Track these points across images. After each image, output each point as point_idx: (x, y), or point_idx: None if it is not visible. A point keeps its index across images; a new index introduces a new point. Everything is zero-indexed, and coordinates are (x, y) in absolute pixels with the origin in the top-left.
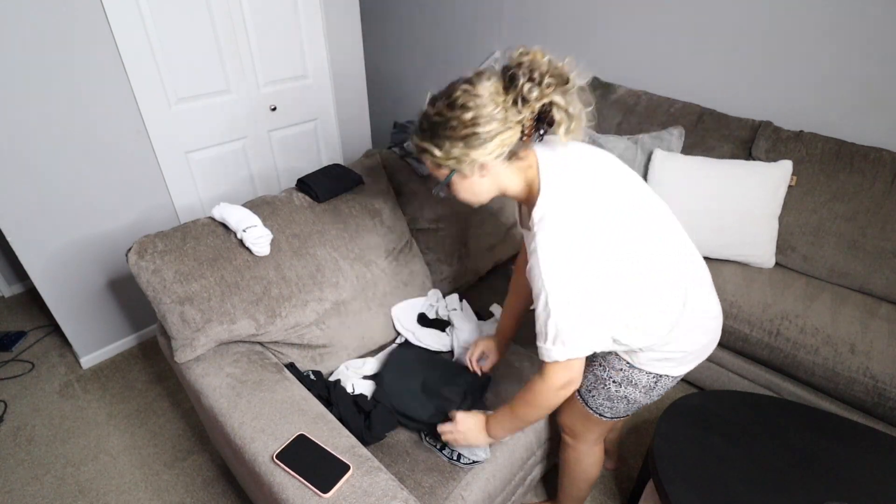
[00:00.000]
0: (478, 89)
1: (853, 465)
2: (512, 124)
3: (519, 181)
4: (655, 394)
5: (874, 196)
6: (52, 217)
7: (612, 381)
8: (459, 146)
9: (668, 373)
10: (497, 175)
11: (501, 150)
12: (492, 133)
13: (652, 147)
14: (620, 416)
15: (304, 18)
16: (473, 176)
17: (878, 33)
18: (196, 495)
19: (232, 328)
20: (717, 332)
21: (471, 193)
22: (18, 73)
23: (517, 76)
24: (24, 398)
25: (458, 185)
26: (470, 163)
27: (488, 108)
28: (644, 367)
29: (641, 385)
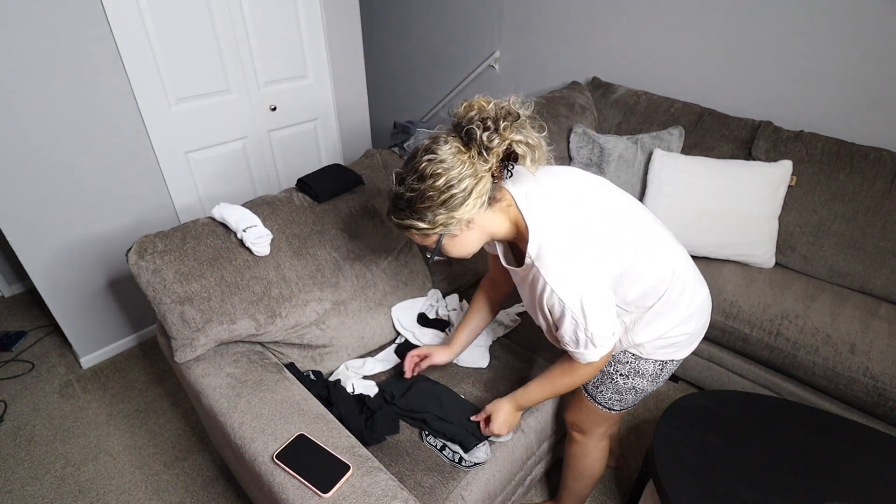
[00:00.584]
0: (440, 154)
1: (853, 465)
2: (482, 174)
3: (503, 221)
4: (661, 380)
5: (874, 196)
6: (52, 217)
7: (619, 375)
8: (442, 212)
9: (674, 357)
10: (483, 223)
11: (481, 201)
12: (468, 189)
13: (652, 147)
14: (628, 407)
15: (304, 18)
16: (462, 233)
17: (879, 33)
18: (196, 495)
19: (232, 328)
20: (709, 311)
21: (463, 249)
22: (18, 74)
23: (473, 130)
24: (24, 398)
25: (449, 246)
26: (456, 223)
27: (456, 168)
28: (651, 356)
29: (648, 374)
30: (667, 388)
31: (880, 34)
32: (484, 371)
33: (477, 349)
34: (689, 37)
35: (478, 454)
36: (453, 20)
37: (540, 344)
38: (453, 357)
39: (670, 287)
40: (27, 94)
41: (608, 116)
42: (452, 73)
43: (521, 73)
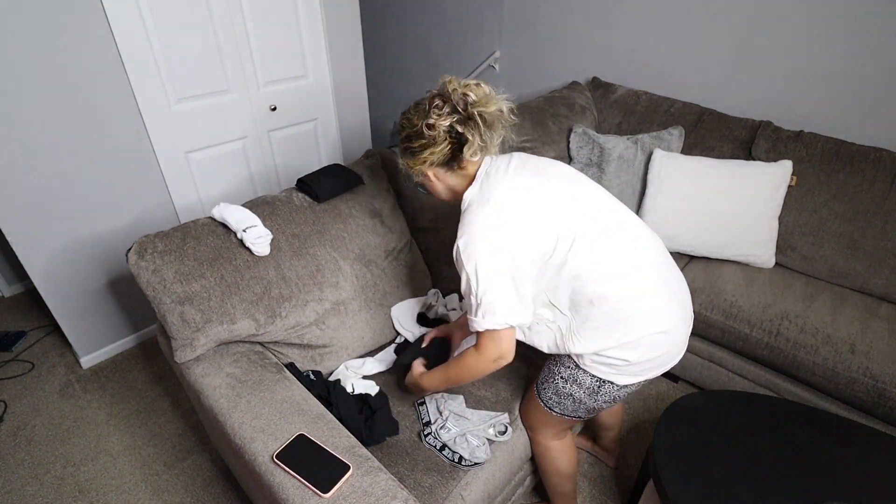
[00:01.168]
0: (410, 113)
1: (853, 465)
2: (434, 142)
3: (463, 184)
4: (601, 399)
5: (874, 196)
6: (52, 217)
7: (560, 377)
8: (407, 157)
9: (611, 380)
10: (443, 179)
11: (434, 160)
12: (424, 146)
13: (652, 147)
14: (569, 414)
15: (304, 18)
16: (427, 180)
17: (879, 33)
18: (196, 495)
19: (232, 328)
20: (668, 348)
21: (433, 190)
22: (18, 74)
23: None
24: (24, 398)
25: (426, 185)
26: (418, 171)
27: (413, 129)
28: (587, 368)
29: (585, 386)
30: (667, 388)
31: (880, 34)
32: None
33: None
34: (689, 37)
35: (478, 454)
36: (453, 20)
37: None
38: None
39: (612, 307)
40: (27, 94)
41: (608, 116)
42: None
43: (521, 73)
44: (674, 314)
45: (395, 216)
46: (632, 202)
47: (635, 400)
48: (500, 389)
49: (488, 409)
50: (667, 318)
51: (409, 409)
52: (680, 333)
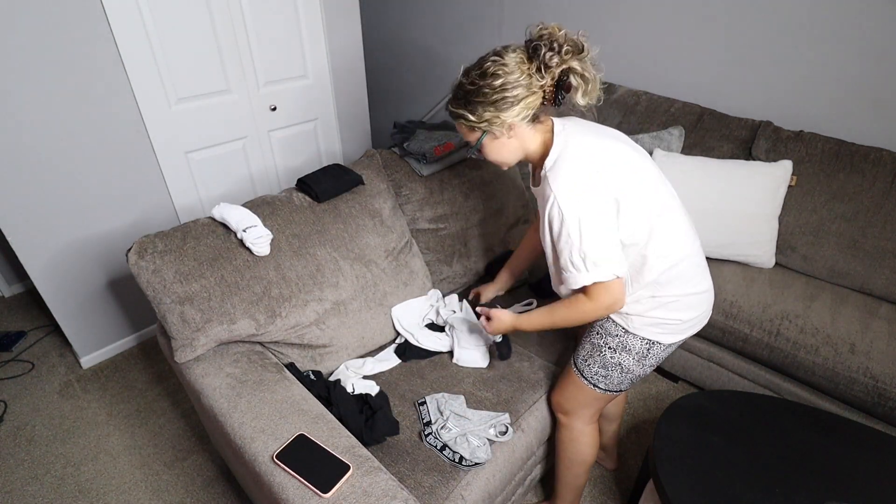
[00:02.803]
0: (505, 59)
1: (853, 465)
2: (535, 89)
3: (539, 142)
4: (647, 363)
5: (874, 196)
6: (52, 217)
7: (607, 348)
8: (491, 110)
9: (660, 340)
10: (522, 136)
11: (526, 113)
12: (518, 97)
13: (652, 147)
14: (613, 388)
15: (304, 18)
16: (503, 137)
17: (879, 34)
18: (196, 495)
19: (232, 328)
20: (705, 307)
21: (499, 154)
22: (18, 74)
23: (539, 47)
24: (24, 398)
25: (489, 147)
26: (500, 124)
27: (514, 74)
28: (638, 332)
29: (635, 351)
30: (667, 387)
31: (880, 34)
32: (484, 371)
33: (477, 349)
34: (689, 37)
35: (478, 454)
36: (453, 20)
37: (540, 343)
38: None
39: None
40: (27, 94)
41: (608, 116)
42: (452, 73)
43: None
44: (707, 278)
45: (395, 216)
46: None
47: (635, 400)
48: (501, 390)
49: (489, 410)
50: (707, 278)
51: (409, 409)
52: (710, 298)
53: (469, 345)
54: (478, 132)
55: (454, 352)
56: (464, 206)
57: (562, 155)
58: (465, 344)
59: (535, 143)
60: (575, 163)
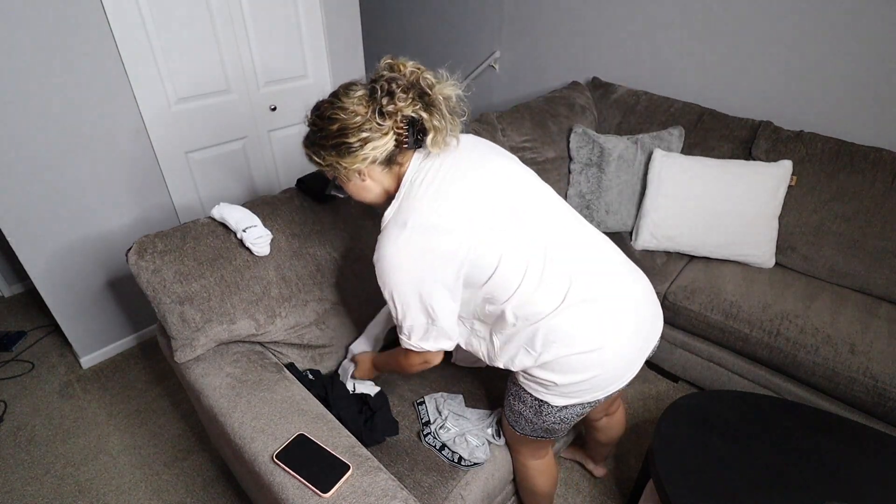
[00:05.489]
0: (343, 101)
1: (853, 465)
2: (380, 134)
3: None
4: (548, 420)
5: (874, 196)
6: (52, 217)
7: (510, 394)
8: (332, 154)
9: (547, 400)
10: (377, 179)
11: (374, 157)
12: (363, 141)
13: (652, 147)
14: (529, 433)
15: (304, 18)
16: (354, 180)
17: (879, 33)
18: (196, 495)
19: (232, 328)
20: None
21: (358, 194)
22: (18, 74)
23: (375, 90)
24: (24, 398)
25: (346, 186)
26: (343, 169)
27: (355, 118)
28: (524, 386)
29: (528, 405)
30: (667, 388)
31: (880, 34)
32: (482, 371)
33: None
34: (690, 37)
35: (477, 454)
36: (453, 20)
37: None
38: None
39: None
40: (27, 94)
41: (608, 116)
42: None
43: (521, 73)
44: (605, 332)
45: None
46: (632, 202)
47: (635, 400)
48: (501, 388)
49: (488, 407)
50: (592, 337)
51: (408, 409)
52: (620, 353)
53: None
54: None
55: (453, 351)
56: None
57: (391, 219)
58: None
59: (395, 185)
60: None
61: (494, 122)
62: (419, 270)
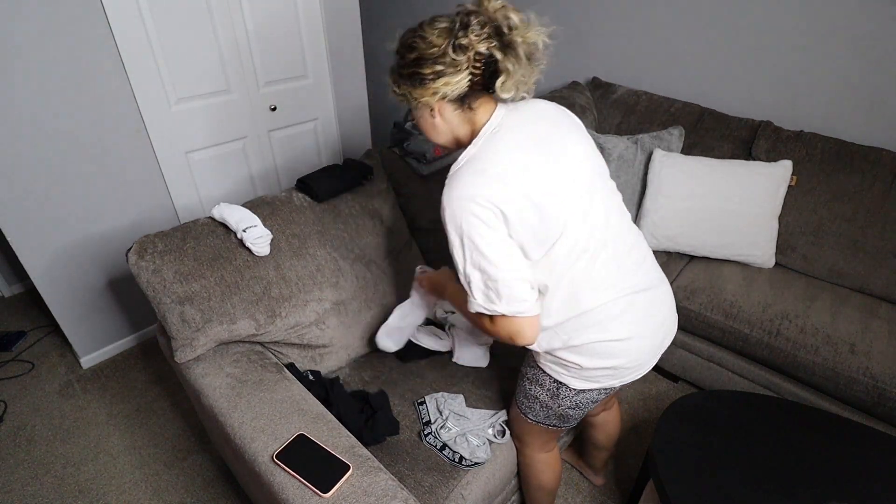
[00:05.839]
0: (425, 31)
1: (853, 465)
2: (454, 70)
3: (466, 131)
4: (564, 404)
5: (874, 196)
6: (52, 217)
7: (525, 378)
8: (407, 84)
9: (566, 382)
10: (448, 119)
11: (446, 93)
12: (436, 74)
13: (652, 147)
14: (542, 421)
15: (304, 18)
16: (425, 115)
17: (879, 34)
18: (196, 495)
19: (232, 328)
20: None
21: (428, 131)
22: (18, 74)
23: (455, 21)
24: (24, 398)
25: (419, 120)
26: (415, 101)
27: (431, 49)
28: (543, 367)
29: (546, 387)
30: (667, 388)
31: (880, 34)
32: (484, 371)
33: (477, 349)
34: (689, 37)
35: (478, 454)
36: None
37: None
38: None
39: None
40: (27, 94)
41: (608, 116)
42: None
43: None
44: (637, 323)
45: (395, 216)
46: (632, 202)
47: (635, 400)
48: (500, 389)
49: (488, 408)
50: (622, 326)
51: (409, 409)
52: (644, 345)
53: (469, 344)
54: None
55: (454, 351)
56: None
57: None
58: (466, 343)
59: (462, 130)
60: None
61: None
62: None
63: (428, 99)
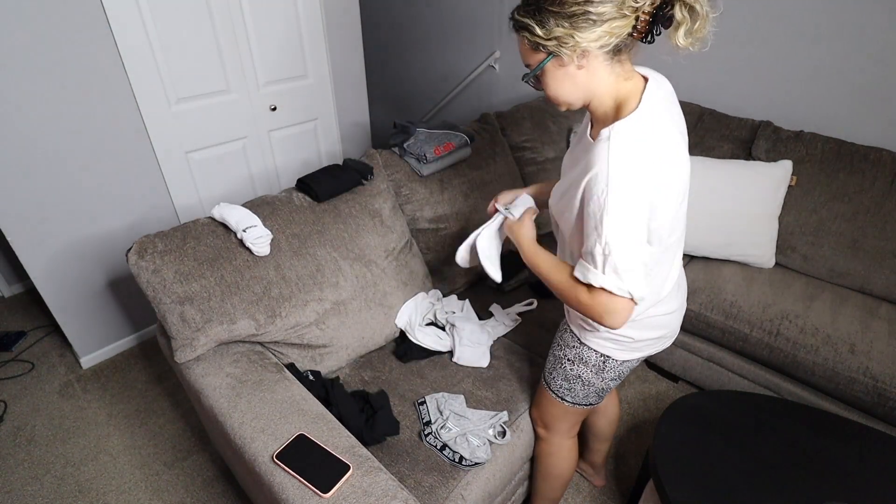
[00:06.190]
0: None
1: (853, 465)
2: (627, 11)
3: (612, 90)
4: (608, 377)
5: (874, 196)
6: (52, 217)
7: (566, 360)
8: (565, 25)
9: (613, 355)
10: (595, 71)
11: (608, 40)
12: (604, 16)
13: None
14: (580, 402)
15: (304, 18)
16: (571, 65)
17: (879, 34)
18: (196, 495)
19: (232, 328)
20: (671, 327)
21: (560, 86)
22: (18, 74)
23: None
24: (24, 398)
25: (551, 75)
26: (572, 46)
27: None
28: (590, 343)
29: (591, 364)
30: (667, 387)
31: (881, 34)
32: (484, 371)
33: (477, 348)
34: None
35: (478, 454)
36: (453, 20)
37: (540, 343)
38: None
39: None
40: (27, 94)
41: None
42: (452, 73)
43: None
44: (679, 296)
45: (395, 216)
46: None
47: (635, 400)
48: (501, 390)
49: (489, 409)
50: (679, 296)
51: (409, 409)
52: (679, 316)
53: (470, 344)
54: (542, 53)
55: (455, 351)
56: (464, 206)
57: (643, 123)
58: (466, 343)
59: (608, 88)
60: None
61: (494, 122)
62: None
63: (589, 45)
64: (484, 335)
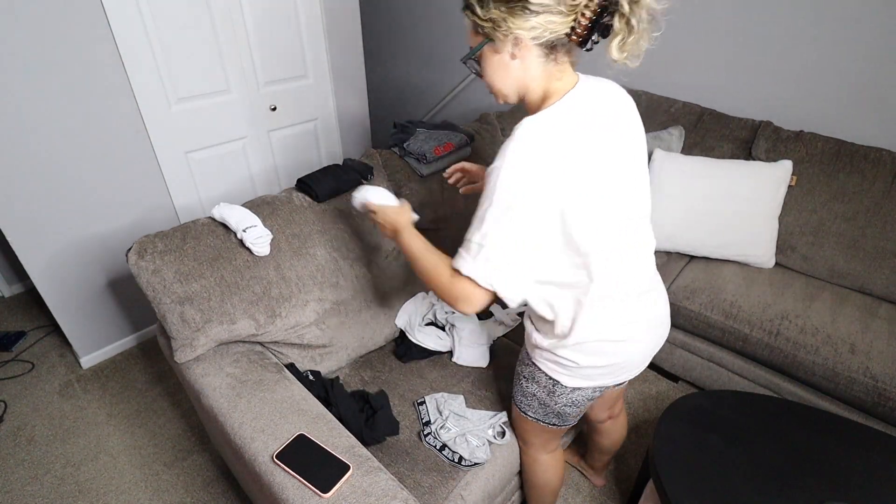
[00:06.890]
0: None
1: (853, 465)
2: (564, 8)
3: (541, 85)
4: (560, 402)
5: (874, 196)
6: (52, 217)
7: (522, 377)
8: (502, 8)
9: (560, 380)
10: (528, 65)
11: (541, 34)
12: (540, 7)
13: (652, 147)
14: (542, 419)
15: (304, 18)
16: (505, 53)
17: (879, 34)
18: (196, 495)
19: (232, 328)
20: (621, 358)
21: (494, 73)
22: (18, 74)
23: None
24: (24, 398)
25: (487, 60)
26: (505, 31)
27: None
28: (539, 364)
29: (542, 385)
30: (667, 387)
31: (880, 34)
32: (483, 371)
33: (477, 348)
34: (689, 37)
35: (478, 454)
36: (453, 20)
37: None
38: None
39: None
40: (27, 94)
41: None
42: (452, 72)
43: None
44: (636, 330)
45: None
46: None
47: (635, 400)
48: (501, 389)
49: (489, 409)
50: (626, 327)
51: (409, 409)
52: (641, 347)
53: (469, 344)
54: (480, 36)
55: (454, 351)
56: (464, 206)
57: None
58: (466, 343)
59: (538, 83)
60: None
61: (494, 122)
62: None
63: (522, 33)
64: (484, 335)
